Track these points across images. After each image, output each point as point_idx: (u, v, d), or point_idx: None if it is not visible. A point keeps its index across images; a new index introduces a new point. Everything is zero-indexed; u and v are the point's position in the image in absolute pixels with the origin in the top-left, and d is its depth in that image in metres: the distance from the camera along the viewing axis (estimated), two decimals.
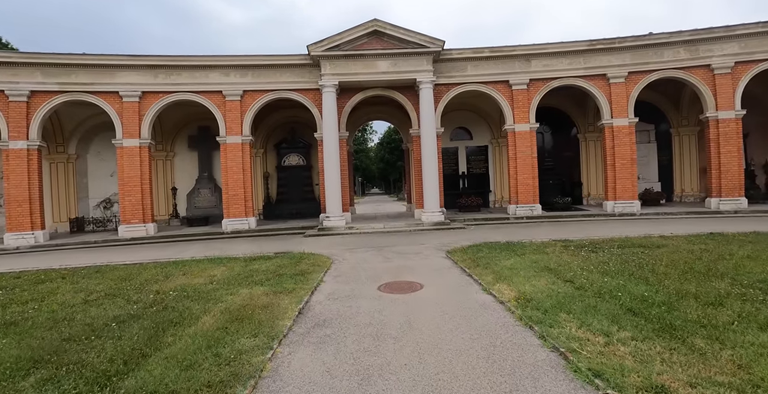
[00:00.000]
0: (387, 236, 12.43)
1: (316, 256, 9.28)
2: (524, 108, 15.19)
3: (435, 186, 13.99)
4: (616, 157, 15.19)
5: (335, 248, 10.51)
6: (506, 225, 13.86)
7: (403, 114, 18.85)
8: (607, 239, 9.81)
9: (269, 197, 18.66)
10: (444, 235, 12.09)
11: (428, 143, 14.03)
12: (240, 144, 14.66)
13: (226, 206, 14.68)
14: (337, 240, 12.01)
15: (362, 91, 14.91)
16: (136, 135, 14.55)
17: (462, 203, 16.78)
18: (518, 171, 15.03)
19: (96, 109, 14.94)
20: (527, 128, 15.15)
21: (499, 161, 19.20)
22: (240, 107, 14.76)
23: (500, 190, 19.18)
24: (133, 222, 14.46)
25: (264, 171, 18.77)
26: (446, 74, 14.97)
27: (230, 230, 14.37)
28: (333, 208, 13.86)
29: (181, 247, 12.43)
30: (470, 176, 19.22)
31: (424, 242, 10.94)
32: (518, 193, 15.03)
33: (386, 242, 11.10)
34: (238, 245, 12.06)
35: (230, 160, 14.60)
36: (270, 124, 18.70)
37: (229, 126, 14.71)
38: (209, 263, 9.13)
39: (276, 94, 14.85)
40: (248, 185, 14.75)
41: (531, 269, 6.88)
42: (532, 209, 14.96)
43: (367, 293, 6.12)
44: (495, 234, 11.87)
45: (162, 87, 14.69)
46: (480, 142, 19.47)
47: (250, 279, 7.12)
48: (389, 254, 9.38)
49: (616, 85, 15.25)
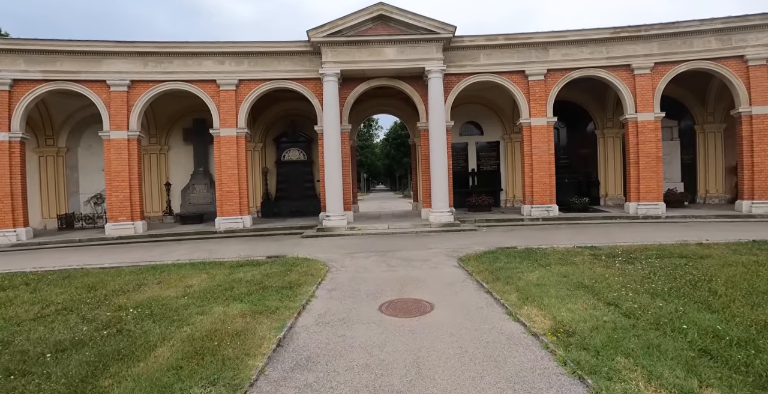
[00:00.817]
0: (391, 238, 11.30)
1: (311, 262, 8.17)
2: (541, 101, 13.95)
3: (444, 184, 12.83)
4: (640, 155, 13.93)
5: (334, 252, 9.40)
6: (521, 227, 12.67)
7: (410, 107, 17.67)
8: (639, 247, 8.61)
9: (268, 193, 17.58)
10: (454, 238, 10.94)
11: (437, 137, 12.84)
12: (235, 137, 13.55)
13: (220, 203, 13.61)
14: (336, 242, 10.90)
15: (366, 81, 13.73)
16: (124, 127, 13.49)
17: (472, 202, 15.60)
18: (534, 169, 13.82)
19: (87, 100, 13.85)
20: (544, 123, 13.91)
21: (511, 158, 17.97)
22: (235, 98, 13.65)
23: (512, 188, 17.96)
24: (121, 220, 13.44)
25: (262, 166, 17.67)
26: (457, 63, 13.75)
27: (223, 229, 13.31)
28: (333, 206, 12.74)
29: (169, 247, 11.39)
30: (480, 174, 18.01)
31: (432, 246, 9.79)
32: (533, 192, 13.83)
33: (390, 246, 9.97)
34: (228, 247, 10.99)
35: (224, 155, 13.51)
36: (269, 117, 17.59)
37: (223, 118, 13.61)
38: (191, 268, 8.06)
39: (274, 83, 13.71)
40: (243, 181, 13.66)
41: (562, 286, 5.72)
42: (549, 209, 13.76)
43: (365, 315, 4.99)
44: (510, 238, 10.70)
45: (152, 76, 13.59)
46: (491, 137, 18.23)
47: (229, 293, 6.02)
48: (394, 260, 8.24)
49: (641, 77, 13.96)
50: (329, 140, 12.71)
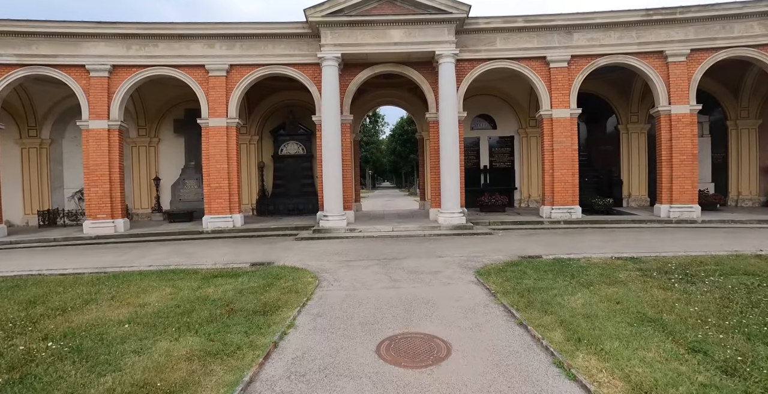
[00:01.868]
0: (396, 242, 9.89)
1: (299, 273, 6.79)
2: (564, 90, 12.45)
3: (455, 182, 11.39)
4: (674, 152, 12.39)
5: (328, 259, 8.01)
6: (541, 231, 11.21)
7: (418, 98, 16.23)
8: (688, 259, 7.14)
9: (264, 189, 16.24)
10: (467, 243, 9.51)
11: (448, 130, 11.40)
12: (225, 127, 12.18)
13: (208, 200, 12.27)
14: (333, 246, 9.52)
15: (370, 67, 12.29)
16: (105, 115, 12.17)
17: (484, 202, 14.15)
18: (555, 166, 12.33)
19: (71, 88, 12.58)
20: (567, 115, 12.42)
21: (526, 154, 16.47)
22: (225, 84, 12.27)
23: (527, 187, 16.47)
24: (100, 217, 12.15)
25: (258, 161, 16.32)
26: (471, 48, 12.27)
27: (211, 228, 11.98)
28: (332, 205, 11.35)
29: (147, 249, 10.08)
30: (493, 171, 16.53)
31: (443, 253, 8.37)
32: (554, 192, 12.35)
33: (395, 252, 8.57)
34: (212, 250, 9.65)
35: (213, 147, 12.16)
36: (266, 108, 16.22)
37: (212, 106, 12.24)
38: (157, 279, 6.72)
39: (268, 69, 12.31)
40: (234, 176, 12.30)
41: (620, 318, 4.29)
42: (571, 211, 12.28)
43: (358, 362, 3.60)
44: (531, 244, 9.26)
45: (135, 60, 12.25)
46: (505, 132, 16.73)
47: (186, 318, 4.65)
48: (398, 272, 6.83)
49: (675, 65, 12.40)
50: (328, 131, 11.31)
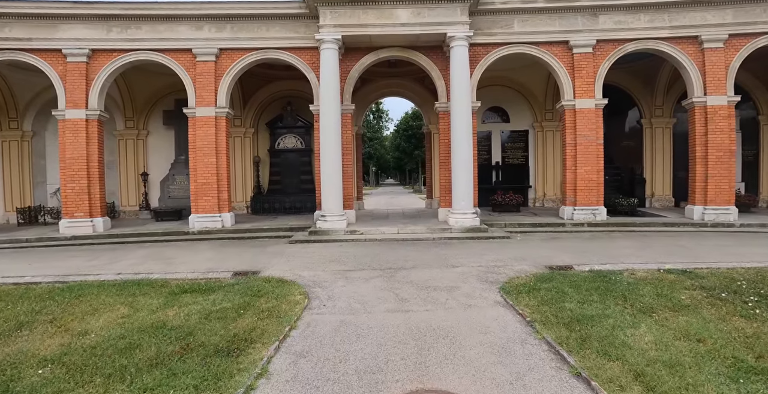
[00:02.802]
0: (402, 246, 8.68)
1: (287, 287, 5.59)
2: (588, 78, 11.17)
3: (468, 179, 10.14)
4: (710, 148, 11.10)
5: (323, 269, 6.81)
6: (564, 235, 9.96)
7: (425, 88, 14.99)
8: (753, 273, 5.91)
9: (260, 186, 15.06)
10: (483, 248, 8.28)
11: (460, 121, 10.14)
12: (213, 117, 10.98)
13: (194, 197, 11.09)
14: (331, 251, 8.31)
15: (374, 52, 11.03)
16: (83, 104, 11.01)
17: (497, 201, 12.91)
18: (578, 162, 11.07)
19: None
20: (592, 105, 11.14)
21: (542, 150, 15.19)
22: (215, 70, 11.05)
23: (542, 185, 15.20)
24: (77, 216, 11.01)
25: (254, 155, 15.12)
26: (485, 31, 10.98)
27: (198, 228, 10.81)
28: (330, 204, 10.14)
29: (122, 253, 8.92)
30: (505, 168, 15.26)
31: (457, 261, 7.15)
32: (577, 191, 11.09)
33: (401, 260, 7.35)
34: (194, 254, 8.48)
35: (200, 139, 10.97)
36: (262, 99, 15.01)
37: (199, 94, 11.04)
38: (117, 293, 5.56)
39: (261, 54, 11.08)
40: (224, 171, 11.11)
41: (713, 366, 3.07)
42: (595, 212, 11.02)
43: None
44: (557, 251, 8.03)
45: (116, 43, 11.05)
46: (519, 125, 15.44)
47: (126, 359, 3.46)
48: (405, 287, 5.62)
49: (712, 52, 11.09)
50: (327, 122, 10.08)
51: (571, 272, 6.22)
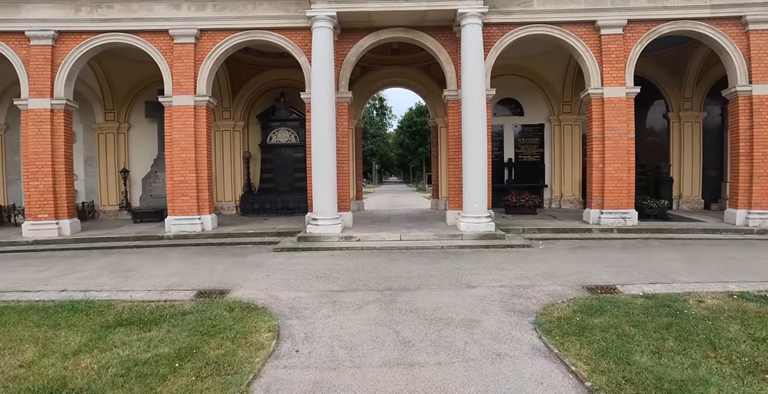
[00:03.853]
0: (405, 257, 7.33)
1: (254, 317, 4.25)
2: (618, 63, 9.74)
3: (482, 177, 8.75)
4: (755, 144, 9.65)
5: (307, 289, 5.47)
6: (593, 243, 8.56)
7: (431, 78, 13.60)
8: None
9: (250, 184, 13.74)
10: (502, 260, 6.91)
11: (473, 111, 8.75)
12: (192, 107, 9.65)
13: (171, 197, 9.79)
14: (320, 263, 6.97)
15: (374, 33, 9.65)
16: (47, 93, 9.72)
17: (511, 202, 11.53)
18: (606, 159, 9.65)
19: None
20: (622, 94, 9.71)
21: (558, 146, 13.77)
22: (194, 54, 9.71)
23: (559, 184, 13.79)
24: (41, 218, 9.73)
25: (244, 151, 13.80)
26: (501, 9, 9.57)
27: (174, 232, 9.51)
28: (323, 205, 8.80)
29: (81, 262, 7.64)
30: (519, 165, 13.85)
31: (473, 279, 5.79)
32: (604, 191, 9.67)
33: (403, 276, 6.01)
34: (161, 265, 7.17)
35: (177, 131, 9.64)
36: (253, 90, 13.66)
37: (176, 81, 9.71)
38: (38, 322, 4.27)
39: (247, 35, 9.72)
40: (204, 168, 9.79)
41: None
42: (626, 216, 9.61)
43: None
44: (591, 264, 6.65)
45: (85, 24, 9.73)
46: (534, 119, 14.01)
47: None
48: (408, 321, 4.25)
49: (758, 35, 9.63)
50: (319, 112, 8.72)
51: (620, 297, 4.85)
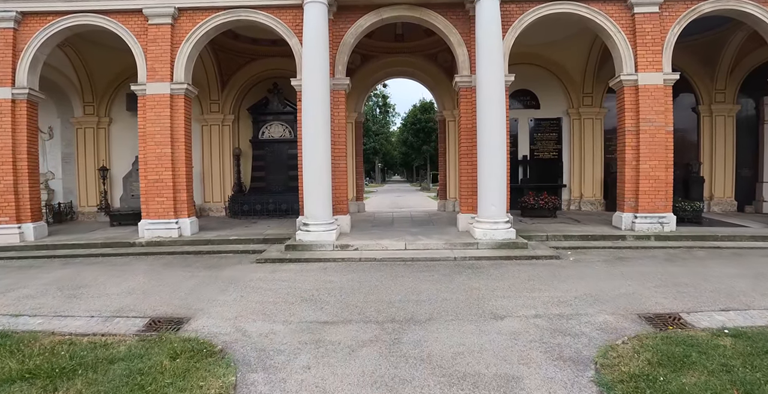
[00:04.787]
0: (411, 272, 6.10)
1: (203, 370, 3.02)
2: (654, 46, 8.45)
3: (500, 175, 7.47)
4: None
5: (285, 318, 4.22)
6: (629, 252, 7.28)
7: (438, 67, 12.36)
8: None
9: (241, 183, 12.55)
10: (530, 277, 5.65)
11: (490, 99, 7.48)
12: (168, 96, 8.43)
13: (144, 198, 8.58)
14: (307, 280, 5.74)
15: (375, 11, 8.38)
16: (8, 81, 8.54)
17: (528, 204, 10.28)
18: (641, 155, 8.36)
19: None
20: (659, 81, 8.42)
21: (578, 141, 12.48)
22: (171, 36, 8.50)
23: (579, 184, 12.50)
24: (2, 221, 8.57)
25: (234, 147, 12.59)
26: None
27: (148, 238, 8.31)
28: (315, 208, 7.57)
29: (33, 274, 6.48)
30: (535, 163, 12.55)
31: (498, 305, 4.53)
32: (639, 192, 8.38)
33: (410, 300, 4.76)
34: (118, 281, 5.97)
35: (151, 123, 8.43)
36: (243, 81, 12.44)
37: (151, 66, 8.50)
38: None
39: (231, 14, 8.49)
40: (182, 165, 8.58)
41: None
42: (663, 221, 8.32)
43: None
44: (635, 280, 5.40)
45: (51, 4, 8.53)
46: (550, 112, 12.73)
47: None
48: (418, 377, 3.00)
49: None
50: (311, 100, 7.48)
51: (699, 336, 3.60)
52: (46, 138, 12.70)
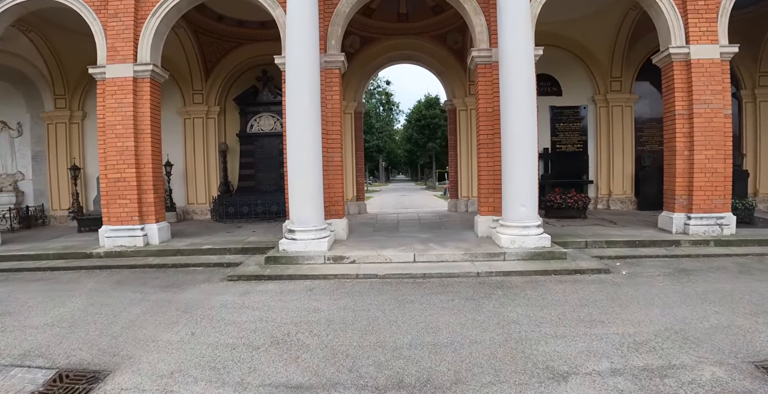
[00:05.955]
0: (423, 296, 4.71)
1: None
2: (708, 13, 6.99)
3: (530, 169, 6.03)
4: None
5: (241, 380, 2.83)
6: (689, 262, 5.84)
7: (447, 49, 10.94)
8: None
9: (228, 183, 11.21)
10: (583, 303, 4.23)
11: (518, 75, 6.03)
12: (131, 80, 7.07)
13: (105, 201, 7.25)
14: (287, 310, 4.36)
15: None
16: None
17: (554, 203, 8.85)
18: (695, 144, 6.91)
19: None
20: (716, 55, 6.95)
21: (606, 132, 11.02)
22: (134, 10, 7.12)
23: (607, 180, 11.05)
24: None
25: (220, 142, 11.25)
26: None
27: (109, 247, 6.98)
28: (303, 210, 6.17)
29: None
30: (557, 156, 11.07)
31: (552, 352, 3.13)
32: (692, 188, 6.94)
33: (425, 348, 3.38)
34: (51, 307, 4.62)
35: (111, 112, 7.09)
36: (229, 69, 11.08)
37: (111, 45, 7.15)
38: None
39: None
40: (148, 161, 7.21)
41: None
42: (721, 222, 6.86)
43: None
44: (721, 304, 3.97)
45: None
46: (574, 100, 11.26)
47: None
48: None
49: None
50: (296, 79, 6.07)
51: None
52: (14, 135, 11.46)
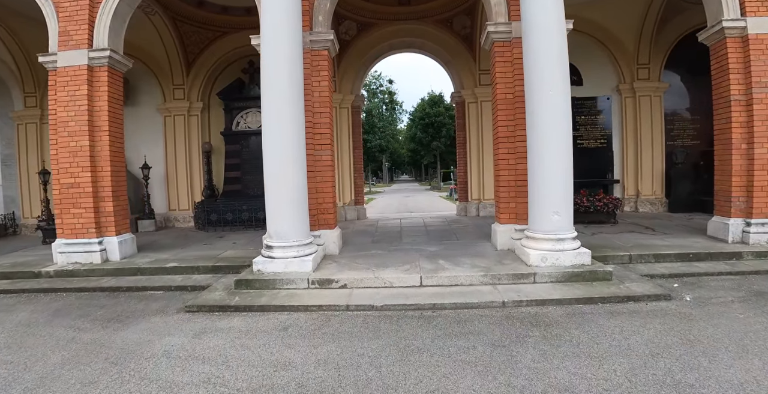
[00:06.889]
0: (434, 339, 3.57)
1: None
2: None
3: (564, 167, 4.88)
4: None
5: None
6: (759, 280, 4.66)
7: (454, 35, 9.80)
8: None
9: (213, 186, 10.13)
10: (657, 353, 3.03)
11: (546, 52, 4.90)
12: (85, 68, 5.98)
13: (59, 210, 6.12)
14: (245, 364, 3.23)
15: None
16: None
17: (581, 206, 7.62)
18: (756, 135, 5.71)
19: None
20: None
21: (633, 126, 9.82)
22: None
23: (635, 179, 9.85)
24: None
25: (203, 141, 10.17)
26: None
27: (62, 263, 5.90)
28: (281, 221, 5.00)
29: None
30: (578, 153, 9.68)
31: None
32: (753, 189, 5.75)
33: None
34: None
35: (63, 107, 6.01)
36: (213, 61, 10.00)
37: (64, 29, 6.08)
38: None
39: None
40: (106, 164, 6.11)
41: None
42: None
43: None
44: None
45: None
46: (596, 90, 10.05)
47: None
48: None
49: None
50: (272, 59, 4.89)
51: None
52: None
